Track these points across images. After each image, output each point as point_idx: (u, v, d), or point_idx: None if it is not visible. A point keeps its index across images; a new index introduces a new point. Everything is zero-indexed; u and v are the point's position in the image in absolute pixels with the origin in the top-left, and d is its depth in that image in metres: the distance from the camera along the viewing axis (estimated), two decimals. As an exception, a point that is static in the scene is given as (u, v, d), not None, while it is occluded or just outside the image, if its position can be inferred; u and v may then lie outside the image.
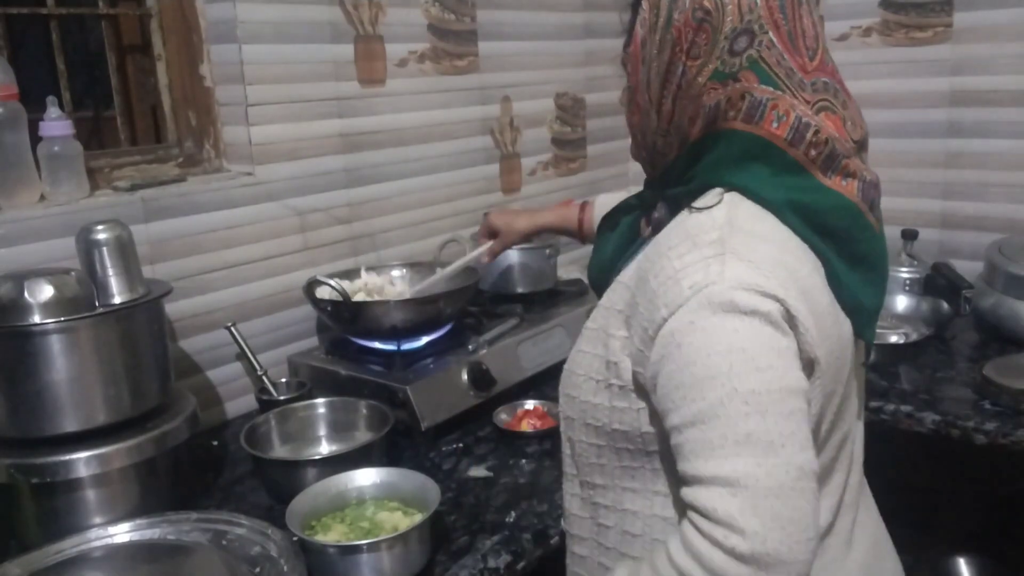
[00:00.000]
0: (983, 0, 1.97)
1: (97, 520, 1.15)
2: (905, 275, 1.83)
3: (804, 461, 0.73)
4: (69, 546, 1.08)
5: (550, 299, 1.88)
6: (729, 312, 0.75)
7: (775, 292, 0.76)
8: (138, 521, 1.13)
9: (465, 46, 1.97)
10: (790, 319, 0.76)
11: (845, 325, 0.85)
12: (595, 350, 0.89)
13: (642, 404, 0.84)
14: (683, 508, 0.77)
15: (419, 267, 1.80)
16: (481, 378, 1.52)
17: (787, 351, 0.75)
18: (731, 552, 0.70)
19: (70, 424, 1.14)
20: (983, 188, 2.05)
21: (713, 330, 0.75)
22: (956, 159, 2.08)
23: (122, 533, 1.11)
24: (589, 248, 1.10)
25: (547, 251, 1.89)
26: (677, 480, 0.79)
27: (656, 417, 0.82)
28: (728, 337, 0.74)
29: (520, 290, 1.87)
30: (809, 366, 0.79)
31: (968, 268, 1.86)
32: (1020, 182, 2.01)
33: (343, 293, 1.53)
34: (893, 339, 1.74)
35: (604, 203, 1.41)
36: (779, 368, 0.74)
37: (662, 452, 0.85)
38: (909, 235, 1.88)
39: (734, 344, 0.74)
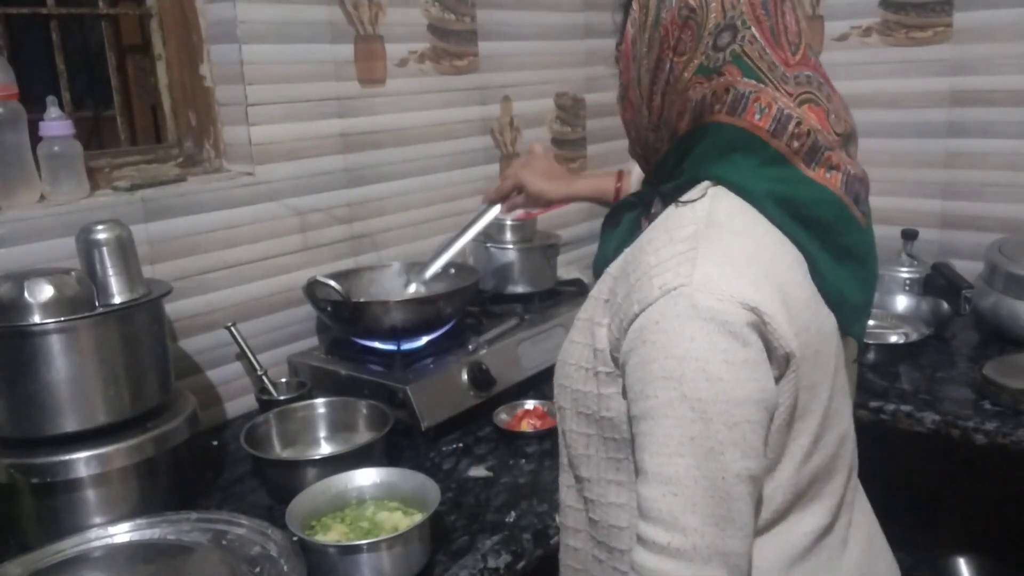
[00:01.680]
0: (983, 0, 1.97)
1: (97, 520, 1.14)
2: (905, 275, 1.83)
3: (743, 468, 0.77)
4: (69, 546, 1.08)
5: (550, 299, 1.88)
6: (691, 318, 0.77)
7: (742, 294, 0.77)
8: (138, 521, 1.13)
9: (465, 46, 1.97)
10: (757, 323, 0.77)
11: (828, 319, 0.86)
12: (584, 339, 0.91)
13: None
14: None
15: (419, 267, 1.80)
16: (481, 378, 1.52)
17: (744, 363, 0.77)
18: (673, 553, 0.76)
19: (70, 424, 1.14)
20: (983, 188, 2.05)
21: (674, 333, 0.77)
22: (956, 159, 2.08)
23: (122, 533, 1.11)
24: (588, 248, 1.11)
25: (547, 251, 1.89)
26: None
27: None
28: (685, 344, 0.77)
29: (520, 290, 1.87)
30: (784, 360, 0.80)
31: (968, 268, 1.85)
32: (1020, 182, 2.00)
33: (343, 293, 1.53)
34: (893, 339, 1.74)
35: (639, 173, 1.39)
36: (730, 380, 0.76)
37: None
38: (909, 235, 1.88)
39: (689, 352, 0.76)
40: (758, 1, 0.84)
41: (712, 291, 0.77)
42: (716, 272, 0.78)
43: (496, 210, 1.53)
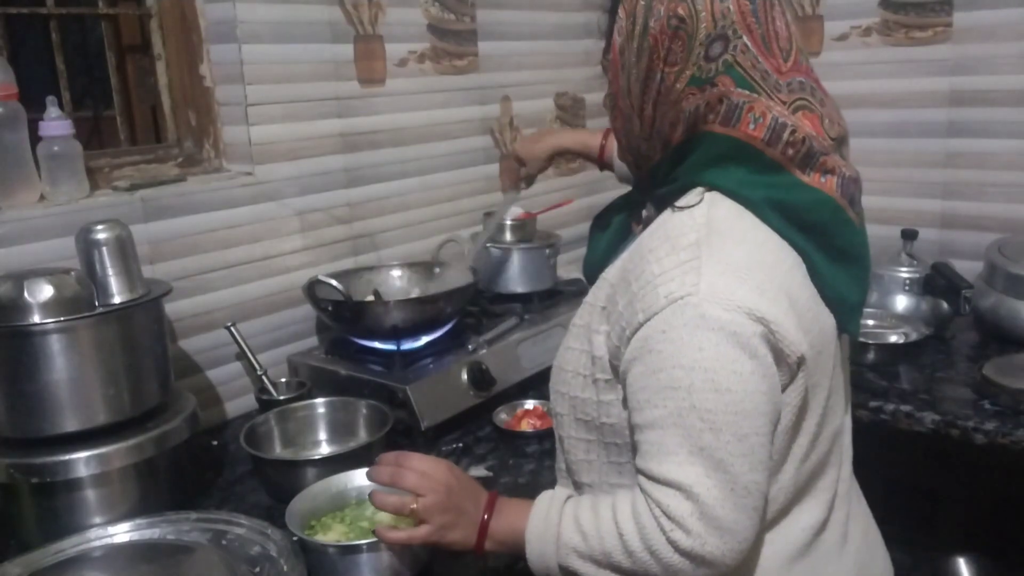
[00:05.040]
0: (983, 0, 1.97)
1: (97, 520, 1.14)
2: (905, 275, 1.83)
3: (751, 481, 0.78)
4: (69, 546, 1.08)
5: (550, 299, 1.88)
6: (699, 328, 0.77)
7: (749, 304, 0.77)
8: (138, 521, 1.13)
9: (465, 46, 1.97)
10: (765, 334, 0.78)
11: (828, 319, 0.87)
12: (581, 346, 0.91)
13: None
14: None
15: (419, 267, 1.80)
16: (481, 378, 1.52)
17: (752, 375, 0.77)
18: (672, 542, 0.78)
19: (70, 424, 1.14)
20: (983, 188, 2.05)
21: (682, 343, 0.78)
22: (956, 159, 2.08)
23: (122, 533, 1.11)
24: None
25: (547, 251, 1.89)
26: None
27: None
28: (693, 354, 0.77)
29: (520, 290, 1.87)
30: (796, 365, 0.81)
31: (968, 268, 1.85)
32: (1020, 182, 2.00)
33: (343, 293, 1.53)
34: (893, 339, 1.74)
35: None
36: (738, 392, 0.77)
37: None
38: (909, 235, 1.87)
39: (698, 362, 0.77)
40: (748, 9, 0.83)
41: (719, 301, 0.77)
42: (721, 281, 0.78)
43: (514, 193, 1.63)
